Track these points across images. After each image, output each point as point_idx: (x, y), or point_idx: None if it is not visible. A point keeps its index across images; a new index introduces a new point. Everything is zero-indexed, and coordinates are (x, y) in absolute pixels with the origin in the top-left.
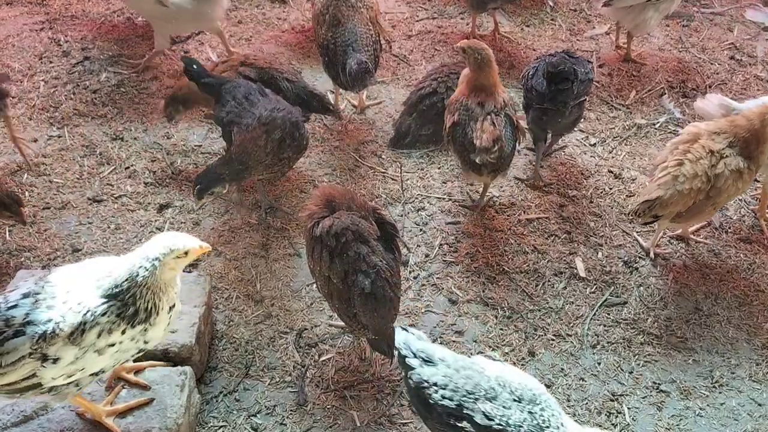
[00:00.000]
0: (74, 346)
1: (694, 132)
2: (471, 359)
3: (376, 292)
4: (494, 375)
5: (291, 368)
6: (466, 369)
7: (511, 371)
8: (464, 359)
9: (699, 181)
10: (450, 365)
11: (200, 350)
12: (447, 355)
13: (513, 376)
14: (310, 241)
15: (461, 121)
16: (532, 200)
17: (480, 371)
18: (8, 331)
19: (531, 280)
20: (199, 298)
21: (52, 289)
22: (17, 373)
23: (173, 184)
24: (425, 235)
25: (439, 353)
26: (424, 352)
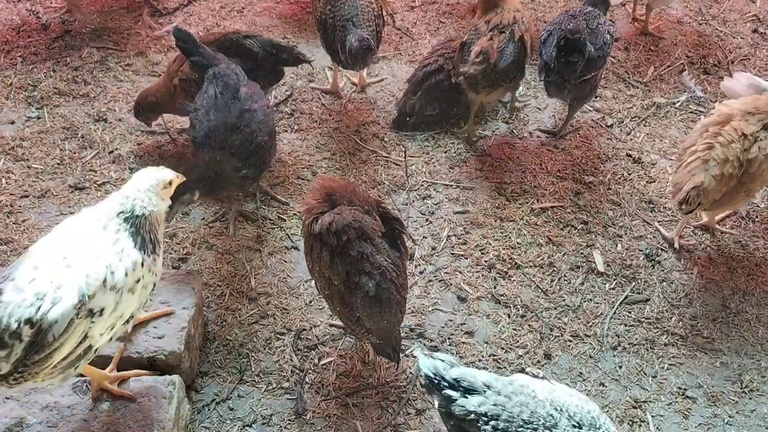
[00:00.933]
0: (112, 291)
1: (725, 112)
2: (516, 380)
3: (381, 295)
4: (548, 399)
5: (289, 373)
6: (517, 394)
7: (562, 391)
8: (512, 382)
9: (731, 167)
10: (500, 392)
11: (190, 356)
12: (491, 379)
13: (566, 397)
14: (309, 239)
15: (468, 40)
16: (546, 187)
17: (532, 395)
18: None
19: (546, 275)
20: (189, 299)
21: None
22: (72, 340)
23: None
24: (432, 226)
25: (481, 378)
26: (464, 379)
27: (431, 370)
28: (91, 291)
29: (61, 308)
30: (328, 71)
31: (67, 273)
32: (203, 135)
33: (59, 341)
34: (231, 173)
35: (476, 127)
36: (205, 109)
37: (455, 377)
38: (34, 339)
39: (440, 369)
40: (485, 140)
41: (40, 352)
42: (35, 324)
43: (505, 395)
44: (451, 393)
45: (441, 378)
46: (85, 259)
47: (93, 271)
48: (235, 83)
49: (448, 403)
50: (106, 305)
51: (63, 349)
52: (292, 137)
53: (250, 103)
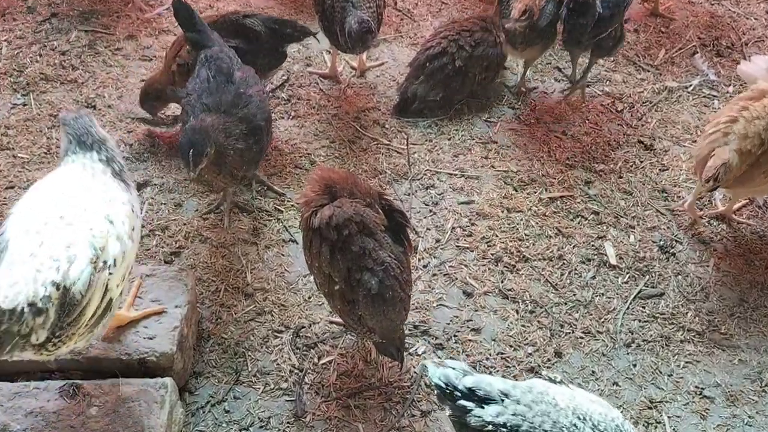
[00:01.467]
0: (117, 241)
1: (761, 89)
2: (534, 386)
3: (385, 293)
4: (570, 407)
5: (287, 373)
6: (538, 403)
7: (583, 397)
8: (531, 389)
9: (750, 143)
10: (519, 400)
11: (183, 357)
12: (509, 387)
13: (588, 404)
14: (308, 233)
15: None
16: (555, 176)
17: (553, 404)
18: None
19: (555, 268)
20: (182, 296)
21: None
22: (97, 295)
23: (152, 159)
24: (435, 217)
25: (497, 386)
26: (479, 388)
27: (442, 379)
28: (101, 243)
29: (79, 265)
30: (327, 55)
31: (71, 231)
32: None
33: (86, 298)
34: (229, 145)
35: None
36: (198, 94)
37: (469, 386)
38: (63, 300)
39: (452, 378)
40: (498, 123)
41: (71, 312)
42: (60, 285)
43: (524, 404)
44: (466, 403)
45: (453, 388)
46: (82, 214)
47: (95, 224)
48: (228, 66)
49: (462, 414)
50: (116, 255)
51: (91, 305)
52: (289, 124)
53: (245, 87)
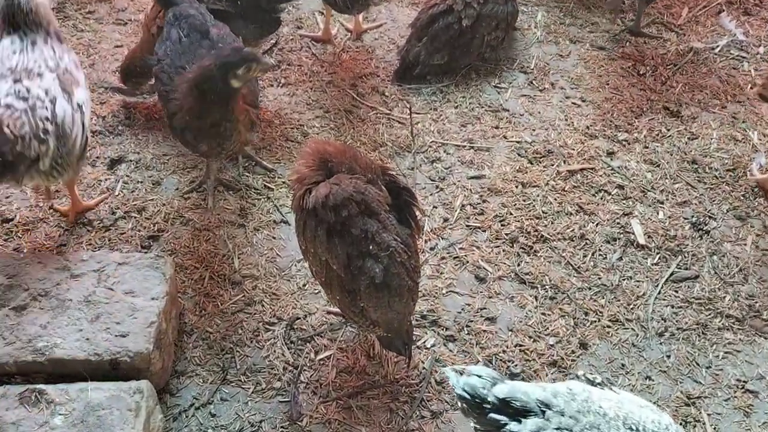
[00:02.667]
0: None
1: None
2: (576, 392)
3: (390, 282)
4: (620, 415)
5: (281, 370)
6: (585, 413)
7: (631, 402)
8: (574, 397)
9: None
10: (563, 411)
11: (162, 355)
12: (549, 395)
13: (638, 411)
14: (301, 215)
15: None
16: (573, 146)
17: (602, 413)
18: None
19: (577, 249)
20: (159, 287)
21: None
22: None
23: (128, 133)
24: (443, 194)
25: (536, 394)
26: (515, 398)
27: (467, 390)
28: (68, 87)
29: (60, 105)
30: (319, 16)
31: (43, 81)
32: (173, 87)
33: (74, 132)
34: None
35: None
36: (171, 58)
37: (503, 397)
38: (56, 132)
39: (478, 388)
40: None
41: (65, 143)
42: (52, 119)
43: (570, 416)
44: (499, 417)
45: (482, 399)
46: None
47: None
48: (201, 23)
49: (494, 430)
50: (84, 100)
51: (78, 138)
52: (278, 92)
53: (222, 44)
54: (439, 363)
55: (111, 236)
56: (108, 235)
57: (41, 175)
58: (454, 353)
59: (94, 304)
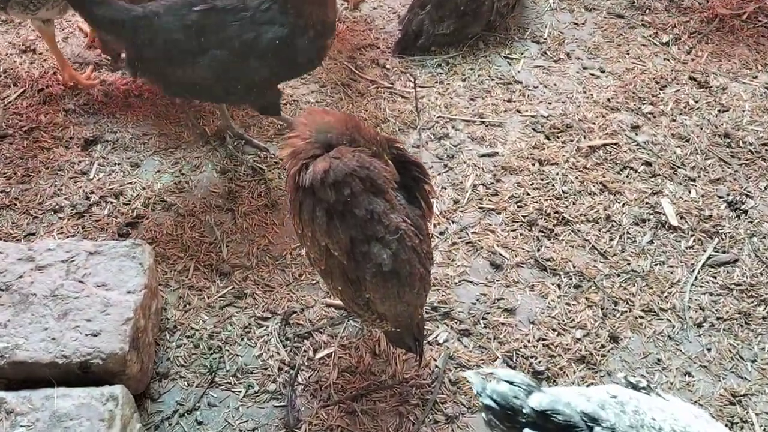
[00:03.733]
0: None
1: None
2: (624, 401)
3: (400, 269)
4: (675, 429)
5: (276, 371)
6: (639, 429)
7: (683, 411)
8: (622, 407)
9: None
10: (614, 427)
11: (140, 356)
12: (596, 408)
13: (694, 423)
14: (296, 194)
15: None
16: (594, 120)
17: (657, 427)
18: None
19: (603, 232)
20: (136, 279)
21: None
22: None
23: (104, 112)
24: (452, 174)
25: (580, 406)
26: (556, 411)
27: (496, 398)
28: None
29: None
30: None
31: None
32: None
33: None
34: None
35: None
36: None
37: (542, 409)
38: None
39: (510, 397)
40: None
41: None
42: None
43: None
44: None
45: (514, 410)
46: None
47: None
48: None
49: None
50: None
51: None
52: None
53: None
54: (453, 361)
55: (85, 224)
56: (81, 223)
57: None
58: (469, 349)
59: (61, 299)
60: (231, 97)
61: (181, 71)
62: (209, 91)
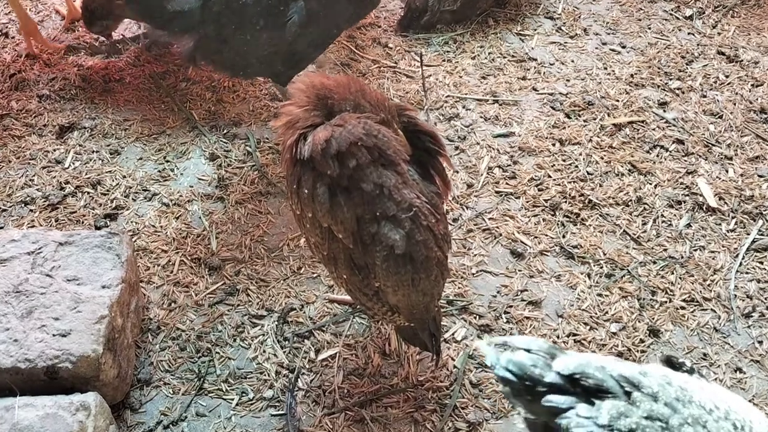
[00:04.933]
0: None
1: None
2: (670, 377)
3: (415, 253)
4: (730, 414)
5: (273, 375)
6: (687, 404)
7: (736, 401)
8: (668, 380)
9: None
10: (656, 395)
11: (117, 359)
12: (634, 373)
13: (746, 410)
14: (294, 170)
15: None
16: (617, 97)
17: (707, 408)
18: None
19: (635, 215)
20: (112, 272)
21: None
22: None
23: (82, 97)
24: (465, 156)
25: (617, 370)
26: (586, 374)
27: (514, 370)
28: None
29: None
30: None
31: None
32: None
33: None
34: None
35: None
36: None
37: (569, 372)
38: None
39: (528, 367)
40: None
41: None
42: None
43: (666, 403)
44: (560, 400)
45: (535, 381)
46: None
47: None
48: None
49: (553, 416)
50: None
51: None
52: None
53: None
54: (474, 360)
55: (58, 216)
56: (55, 215)
57: None
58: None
59: (26, 295)
60: (305, 57)
61: (266, 35)
62: (286, 55)
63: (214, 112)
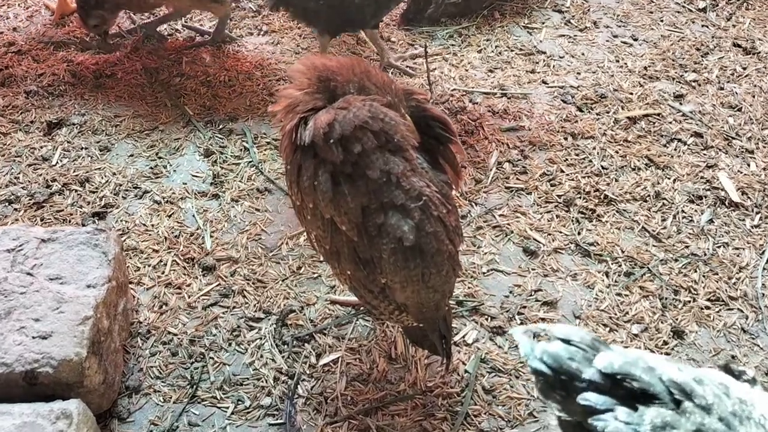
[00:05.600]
0: None
1: None
2: (728, 385)
3: (425, 245)
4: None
5: (271, 382)
6: (744, 420)
7: None
8: (726, 388)
9: None
10: (710, 407)
11: (102, 364)
12: (687, 379)
13: None
14: (294, 157)
15: None
16: (631, 89)
17: (765, 425)
18: None
19: (654, 211)
20: (98, 270)
21: None
22: None
23: (71, 93)
24: (472, 151)
25: (668, 374)
26: (630, 375)
27: (550, 363)
28: None
29: None
30: None
31: None
32: None
33: None
34: None
35: None
36: None
37: (612, 371)
38: None
39: (565, 360)
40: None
41: None
42: None
43: (720, 417)
44: (598, 400)
45: (572, 376)
46: None
47: None
48: None
49: (588, 416)
50: None
51: None
52: (260, 41)
53: None
54: (486, 364)
55: (44, 215)
56: (40, 214)
57: None
58: (504, 350)
59: (4, 295)
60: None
61: None
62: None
63: (210, 107)
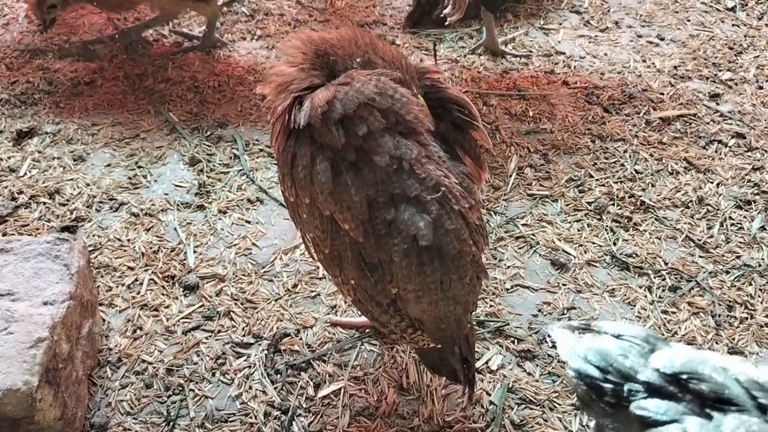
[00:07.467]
0: None
1: None
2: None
3: (444, 245)
4: None
5: (261, 417)
6: None
7: None
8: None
9: None
10: None
11: (60, 396)
12: (756, 374)
13: None
14: (287, 143)
15: None
16: (661, 90)
17: None
18: None
19: (697, 218)
20: (57, 285)
21: None
22: None
23: (46, 101)
24: (489, 155)
25: (745, 374)
26: (697, 375)
27: (598, 361)
28: None
29: None
30: None
31: None
32: None
33: None
34: None
35: None
36: None
37: (675, 371)
38: None
39: (615, 357)
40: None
41: None
42: None
43: None
44: (659, 407)
45: (625, 376)
46: None
47: None
48: None
49: (643, 427)
50: None
51: None
52: (253, 46)
53: None
54: (514, 394)
55: (7, 229)
56: (3, 229)
57: None
58: (535, 378)
59: None
60: None
61: None
62: None
63: (197, 113)
